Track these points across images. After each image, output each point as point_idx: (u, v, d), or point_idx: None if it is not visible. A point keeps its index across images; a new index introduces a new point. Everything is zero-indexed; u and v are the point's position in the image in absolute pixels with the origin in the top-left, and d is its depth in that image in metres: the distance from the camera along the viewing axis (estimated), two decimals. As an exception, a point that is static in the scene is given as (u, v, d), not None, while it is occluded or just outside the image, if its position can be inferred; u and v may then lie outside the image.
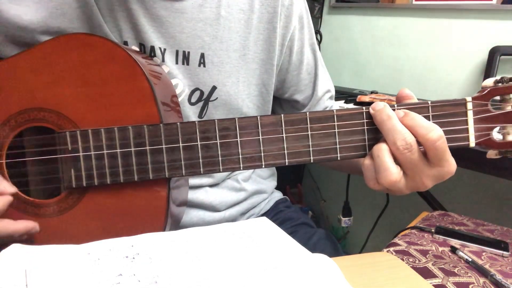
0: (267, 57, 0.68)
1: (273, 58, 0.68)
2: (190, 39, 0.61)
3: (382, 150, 0.46)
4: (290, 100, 0.76)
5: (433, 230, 0.86)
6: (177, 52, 0.61)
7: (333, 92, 0.81)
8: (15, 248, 0.37)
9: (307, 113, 0.48)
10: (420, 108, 0.48)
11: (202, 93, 0.63)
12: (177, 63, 0.61)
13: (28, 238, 0.48)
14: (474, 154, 0.74)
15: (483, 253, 0.78)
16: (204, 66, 0.62)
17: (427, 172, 0.46)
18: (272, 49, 0.67)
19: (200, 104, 0.64)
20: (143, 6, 0.57)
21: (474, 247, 0.80)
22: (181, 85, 0.62)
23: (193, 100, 0.63)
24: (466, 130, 0.48)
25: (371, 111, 0.48)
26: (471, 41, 1.31)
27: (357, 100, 1.30)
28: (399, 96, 0.51)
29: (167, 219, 0.50)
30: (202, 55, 0.62)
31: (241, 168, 0.49)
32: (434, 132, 0.44)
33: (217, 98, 0.64)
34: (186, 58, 0.61)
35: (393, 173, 0.45)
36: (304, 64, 0.74)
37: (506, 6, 1.23)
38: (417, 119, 0.46)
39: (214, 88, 0.64)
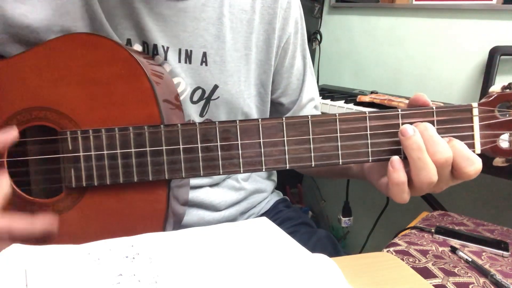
0: (266, 58, 0.69)
1: (271, 59, 0.69)
2: (193, 38, 0.61)
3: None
4: (275, 102, 0.77)
5: (433, 230, 0.86)
6: (180, 50, 0.61)
7: (317, 102, 0.81)
8: (15, 248, 0.37)
9: (309, 116, 0.47)
10: (425, 113, 0.47)
11: (203, 91, 0.63)
12: (179, 61, 0.61)
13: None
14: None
15: (483, 253, 0.78)
16: (206, 64, 0.63)
17: (449, 184, 0.46)
18: (270, 50, 0.68)
19: (202, 103, 0.64)
20: (147, 5, 0.58)
21: (474, 247, 0.80)
22: (183, 84, 0.62)
23: (195, 99, 0.63)
24: (472, 137, 0.46)
25: (400, 136, 0.45)
26: (471, 41, 1.31)
27: (357, 100, 1.30)
28: (415, 101, 0.49)
29: (166, 220, 0.50)
30: (204, 54, 0.62)
31: (241, 172, 0.48)
32: (473, 167, 0.43)
33: (218, 97, 0.64)
34: (188, 57, 0.62)
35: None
36: (295, 69, 0.74)
37: (506, 6, 1.23)
38: (460, 148, 0.43)
39: (216, 87, 0.64)
